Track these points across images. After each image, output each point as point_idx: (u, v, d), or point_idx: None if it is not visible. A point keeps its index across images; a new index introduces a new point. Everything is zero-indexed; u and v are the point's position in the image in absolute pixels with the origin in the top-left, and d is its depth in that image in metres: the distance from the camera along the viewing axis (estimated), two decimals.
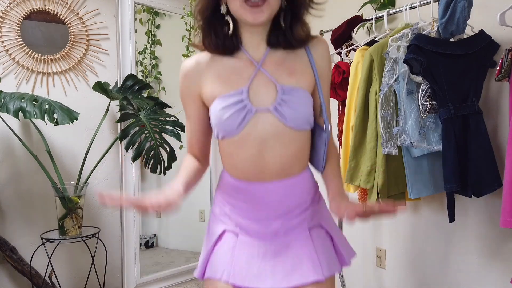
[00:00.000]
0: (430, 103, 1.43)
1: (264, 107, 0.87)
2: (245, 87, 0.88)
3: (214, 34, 0.89)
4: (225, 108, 0.87)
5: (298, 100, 0.88)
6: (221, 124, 0.88)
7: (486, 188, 1.40)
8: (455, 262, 1.69)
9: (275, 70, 0.90)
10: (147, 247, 2.95)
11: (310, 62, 0.93)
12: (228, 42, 0.90)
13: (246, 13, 0.83)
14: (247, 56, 0.91)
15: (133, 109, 2.10)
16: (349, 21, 1.78)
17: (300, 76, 0.91)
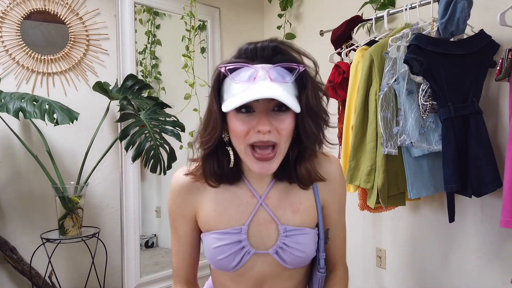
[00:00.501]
0: (430, 103, 1.43)
1: (264, 250, 0.81)
2: (244, 226, 0.80)
3: (216, 164, 0.80)
4: (220, 248, 0.80)
5: (301, 243, 0.81)
6: (215, 263, 0.82)
7: (486, 188, 1.40)
8: (455, 262, 1.69)
9: (278, 206, 0.82)
10: (147, 247, 2.95)
11: (315, 197, 0.84)
12: (229, 174, 0.81)
13: (254, 165, 0.74)
14: (249, 187, 0.82)
15: (133, 109, 2.10)
16: (349, 21, 1.78)
17: (304, 213, 0.83)
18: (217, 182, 0.82)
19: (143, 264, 2.33)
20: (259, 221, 0.81)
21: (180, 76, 2.36)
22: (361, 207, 1.68)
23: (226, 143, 0.79)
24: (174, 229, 0.87)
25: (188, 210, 0.84)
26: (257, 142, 0.72)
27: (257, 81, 0.70)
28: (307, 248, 0.82)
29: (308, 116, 0.75)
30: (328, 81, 1.78)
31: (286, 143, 0.75)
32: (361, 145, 1.54)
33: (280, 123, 0.72)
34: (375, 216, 2.05)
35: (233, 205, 0.82)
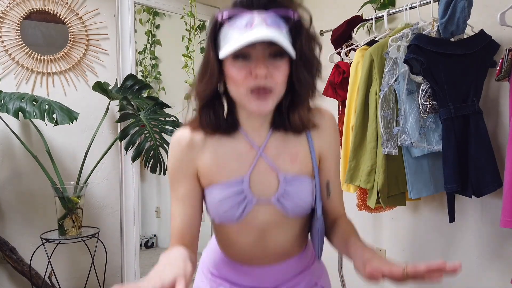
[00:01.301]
0: (430, 103, 1.43)
1: (266, 198, 0.82)
2: (246, 175, 0.82)
3: (212, 114, 0.82)
4: (224, 200, 0.81)
5: (300, 190, 0.83)
6: (219, 215, 0.83)
7: (486, 188, 1.40)
8: None
9: (277, 156, 0.84)
10: (147, 247, 2.95)
11: (310, 147, 0.87)
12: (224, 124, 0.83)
13: (251, 103, 0.76)
14: (247, 140, 0.84)
15: (132, 109, 2.10)
16: (349, 21, 1.78)
17: (302, 162, 0.85)
18: (214, 131, 0.83)
19: (143, 264, 2.33)
20: (260, 170, 0.83)
21: (180, 76, 2.36)
22: (359, 207, 1.68)
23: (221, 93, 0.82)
24: (175, 191, 0.86)
25: (189, 167, 0.85)
26: (254, 87, 0.74)
27: (254, 27, 0.71)
28: (307, 196, 0.84)
29: (302, 64, 0.78)
30: (328, 81, 1.77)
31: (281, 89, 0.77)
32: (361, 145, 1.54)
33: (276, 70, 0.74)
34: (375, 216, 2.05)
35: (233, 158, 0.83)
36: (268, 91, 0.75)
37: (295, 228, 0.87)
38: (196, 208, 0.86)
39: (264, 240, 0.85)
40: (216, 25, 0.77)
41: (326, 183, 0.89)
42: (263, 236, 0.85)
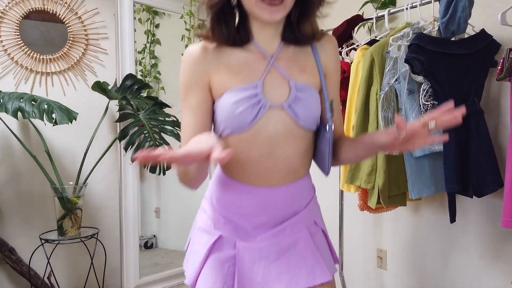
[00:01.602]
0: (431, 103, 1.43)
1: (278, 104, 0.84)
2: (259, 81, 0.84)
3: (224, 25, 0.85)
4: (238, 102, 0.82)
5: (310, 98, 0.86)
6: (232, 119, 0.83)
7: (487, 188, 1.39)
8: (456, 263, 1.69)
9: (287, 66, 0.87)
10: (147, 248, 2.94)
11: (316, 61, 0.91)
12: (237, 35, 0.86)
13: (262, 11, 0.80)
14: (259, 50, 0.87)
15: (132, 109, 2.10)
16: (350, 21, 1.77)
17: (310, 74, 0.89)
18: (225, 42, 0.87)
19: (142, 265, 2.32)
20: (272, 78, 0.86)
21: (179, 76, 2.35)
22: (360, 208, 1.68)
23: (233, 6, 0.85)
24: (186, 102, 0.88)
25: (202, 78, 0.87)
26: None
27: None
28: (315, 105, 0.88)
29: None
30: None
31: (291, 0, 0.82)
32: None
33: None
34: (376, 217, 2.05)
35: (247, 66, 0.86)
36: (278, 2, 0.79)
37: (303, 142, 0.88)
38: (208, 118, 0.88)
39: (274, 154, 0.86)
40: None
41: (330, 101, 0.91)
42: (272, 148, 0.85)
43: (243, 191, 0.89)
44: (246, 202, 0.89)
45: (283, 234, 0.89)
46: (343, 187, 1.69)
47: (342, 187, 1.70)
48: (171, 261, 2.72)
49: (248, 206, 0.89)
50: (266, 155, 0.85)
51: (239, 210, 0.90)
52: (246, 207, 0.89)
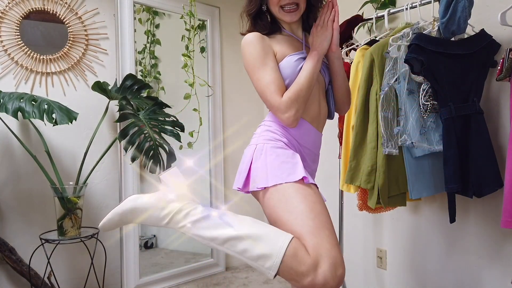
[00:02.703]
0: (431, 103, 1.43)
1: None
2: (303, 50, 1.23)
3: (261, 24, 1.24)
4: (297, 60, 1.18)
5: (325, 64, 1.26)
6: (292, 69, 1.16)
7: (487, 188, 1.39)
8: (455, 263, 1.69)
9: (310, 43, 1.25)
10: (147, 248, 2.94)
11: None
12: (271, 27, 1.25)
13: (284, 16, 1.20)
14: (294, 36, 1.26)
15: (132, 109, 2.10)
16: (350, 21, 1.77)
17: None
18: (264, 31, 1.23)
19: (142, 265, 2.32)
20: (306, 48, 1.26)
21: (179, 76, 2.35)
22: (359, 208, 1.68)
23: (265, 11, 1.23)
24: (266, 66, 1.16)
25: (270, 48, 1.19)
26: (285, 3, 1.17)
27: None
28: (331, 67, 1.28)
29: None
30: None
31: (304, 4, 1.20)
32: (361, 145, 1.54)
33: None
34: (376, 217, 2.05)
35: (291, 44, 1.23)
36: (295, 9, 1.18)
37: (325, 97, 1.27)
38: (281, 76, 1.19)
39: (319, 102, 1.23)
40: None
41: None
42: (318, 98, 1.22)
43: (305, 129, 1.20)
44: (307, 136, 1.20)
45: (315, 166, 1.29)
46: (342, 187, 1.69)
47: (342, 187, 1.70)
48: (171, 261, 2.72)
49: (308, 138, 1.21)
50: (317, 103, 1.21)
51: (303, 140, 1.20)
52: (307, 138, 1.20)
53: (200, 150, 2.56)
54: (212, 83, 2.58)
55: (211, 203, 2.64)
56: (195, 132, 2.35)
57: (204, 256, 2.66)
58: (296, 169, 1.10)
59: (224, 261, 2.66)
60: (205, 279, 2.50)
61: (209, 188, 2.65)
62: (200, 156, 2.66)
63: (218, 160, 2.66)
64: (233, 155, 2.66)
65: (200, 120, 2.33)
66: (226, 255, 2.66)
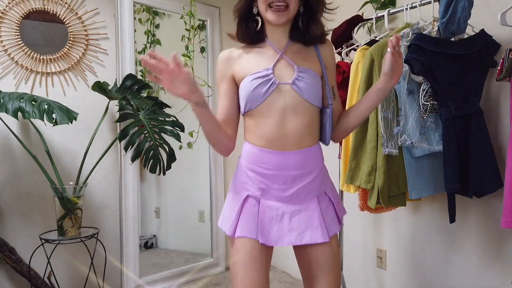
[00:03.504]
0: (431, 103, 1.43)
1: (285, 81, 1.10)
2: (270, 66, 1.11)
3: (244, 28, 1.15)
4: (254, 80, 1.09)
5: (311, 77, 1.11)
6: (251, 93, 1.09)
7: (487, 188, 1.39)
8: (455, 263, 1.69)
9: (293, 57, 1.13)
10: (147, 248, 2.94)
11: (318, 56, 1.17)
12: (256, 35, 1.15)
13: (271, 15, 1.09)
14: (272, 46, 1.15)
15: (132, 109, 2.10)
16: (350, 21, 1.77)
17: (312, 62, 1.15)
18: (244, 40, 1.17)
19: (142, 265, 2.32)
20: (281, 65, 1.13)
21: None
22: (361, 208, 1.68)
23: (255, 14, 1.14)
24: (219, 90, 1.19)
25: (227, 72, 1.16)
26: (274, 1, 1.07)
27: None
28: (316, 83, 1.12)
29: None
30: None
31: (295, 7, 1.09)
32: (361, 145, 1.54)
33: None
34: (376, 217, 2.05)
35: (262, 57, 1.14)
36: (283, 9, 1.08)
37: (307, 115, 1.12)
38: (232, 101, 1.17)
39: (284, 122, 1.10)
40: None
41: (332, 87, 1.18)
42: (283, 118, 1.09)
43: (264, 153, 1.12)
44: (266, 160, 1.12)
45: (297, 199, 1.11)
46: (342, 187, 1.69)
47: (341, 187, 1.70)
48: (171, 261, 2.72)
49: (268, 164, 1.11)
50: (278, 124, 1.10)
51: (261, 171, 1.12)
52: (267, 165, 1.11)
53: (200, 150, 2.56)
54: (212, 83, 2.58)
55: (211, 203, 2.64)
56: (195, 132, 2.35)
57: (204, 256, 2.66)
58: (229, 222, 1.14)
59: (224, 261, 2.66)
60: (205, 279, 2.50)
61: (209, 188, 2.65)
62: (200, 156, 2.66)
63: (218, 160, 2.66)
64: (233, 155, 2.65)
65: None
66: (226, 255, 2.66)
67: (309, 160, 1.13)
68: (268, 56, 1.14)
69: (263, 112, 1.10)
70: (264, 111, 1.10)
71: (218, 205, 2.64)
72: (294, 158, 1.11)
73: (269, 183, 1.11)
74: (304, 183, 1.11)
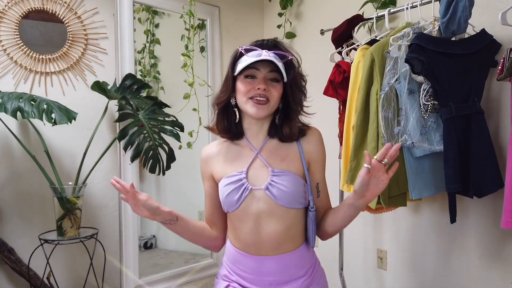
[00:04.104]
0: (432, 103, 1.42)
1: (258, 187, 1.06)
2: (244, 169, 1.08)
3: (225, 121, 1.12)
4: (227, 186, 1.08)
5: (287, 181, 1.05)
6: (224, 199, 1.08)
7: (487, 188, 1.39)
8: (456, 263, 1.68)
9: (269, 156, 1.09)
10: (146, 248, 2.94)
11: (300, 152, 1.11)
12: (234, 129, 1.12)
13: (251, 108, 1.05)
14: (248, 144, 1.12)
15: (131, 108, 2.09)
16: (350, 20, 1.77)
17: (290, 162, 1.09)
18: (225, 135, 1.13)
19: (142, 265, 2.32)
20: (256, 166, 1.09)
21: (179, 76, 2.35)
22: None
23: (233, 106, 1.10)
24: (204, 188, 1.20)
25: (207, 171, 1.17)
26: (255, 95, 1.04)
27: (261, 57, 1.04)
28: (290, 186, 1.05)
29: (293, 86, 1.09)
30: (329, 80, 1.77)
31: (275, 102, 1.07)
32: (362, 145, 1.53)
33: (273, 87, 1.06)
34: (376, 217, 2.04)
35: (237, 157, 1.12)
36: (264, 102, 1.04)
37: (285, 219, 1.06)
38: (215, 201, 1.16)
39: (259, 228, 1.06)
40: (236, 55, 1.08)
41: (316, 184, 1.13)
42: (258, 223, 1.06)
43: (241, 255, 1.11)
44: (244, 264, 1.10)
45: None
46: (343, 188, 1.68)
47: (342, 188, 1.69)
48: (170, 262, 2.71)
49: (246, 268, 1.10)
50: (253, 230, 1.06)
51: (240, 268, 1.11)
52: (245, 268, 1.10)
53: (200, 150, 2.56)
54: (211, 83, 2.58)
55: None
56: (195, 132, 2.34)
57: (203, 257, 2.65)
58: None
59: None
60: (205, 279, 2.50)
61: None
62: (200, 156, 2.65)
63: None
64: None
65: (199, 120, 2.32)
66: None
67: (290, 266, 1.08)
68: (244, 155, 1.11)
69: (238, 216, 1.08)
70: (239, 216, 1.08)
71: None
72: (271, 264, 1.07)
73: (249, 285, 1.10)
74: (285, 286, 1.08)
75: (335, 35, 1.81)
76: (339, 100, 1.80)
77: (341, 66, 1.71)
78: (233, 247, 1.13)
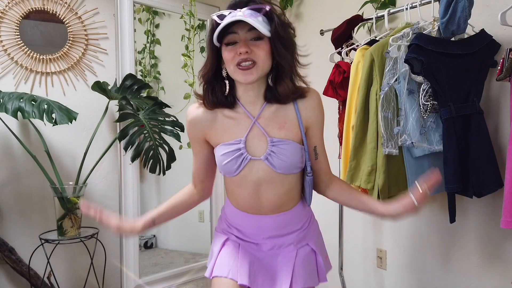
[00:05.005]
0: (431, 103, 1.43)
1: (257, 156, 1.04)
2: (243, 138, 1.04)
3: (211, 93, 1.05)
4: (225, 155, 1.04)
5: (285, 151, 1.03)
6: (222, 167, 1.06)
7: (487, 188, 1.39)
8: (455, 263, 1.69)
9: (267, 124, 1.05)
10: (146, 248, 2.94)
11: (297, 116, 1.07)
12: (225, 100, 1.05)
13: (239, 75, 0.99)
14: (244, 111, 1.06)
15: (132, 109, 2.09)
16: (350, 21, 1.77)
17: (288, 129, 1.06)
18: (212, 106, 1.07)
19: (142, 265, 2.32)
20: (254, 135, 1.05)
21: (179, 76, 2.35)
22: None
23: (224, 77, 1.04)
24: (192, 149, 1.15)
25: (196, 135, 1.11)
26: (240, 60, 0.97)
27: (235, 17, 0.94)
28: (290, 155, 1.04)
29: (279, 42, 0.99)
30: (329, 80, 1.77)
31: (264, 63, 0.99)
32: (361, 145, 1.54)
33: (256, 47, 0.98)
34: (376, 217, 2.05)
35: (235, 125, 1.06)
36: (251, 66, 0.97)
37: (284, 185, 1.07)
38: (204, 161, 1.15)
39: (258, 194, 1.07)
40: (213, 26, 1.00)
41: (313, 147, 1.11)
42: (257, 190, 1.06)
43: (241, 215, 1.12)
44: (244, 222, 1.13)
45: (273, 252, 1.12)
46: None
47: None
48: (171, 261, 2.72)
49: (246, 226, 1.13)
50: (253, 195, 1.07)
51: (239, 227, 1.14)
52: (245, 226, 1.13)
53: None
54: None
55: (211, 203, 2.64)
56: None
57: (204, 256, 2.66)
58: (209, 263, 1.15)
59: None
60: (205, 279, 2.50)
61: None
62: None
63: None
64: None
65: None
66: None
67: (287, 222, 1.11)
68: (241, 122, 1.05)
69: (237, 183, 1.08)
70: (238, 182, 1.07)
71: (218, 205, 2.64)
72: (270, 221, 1.10)
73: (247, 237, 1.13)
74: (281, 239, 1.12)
75: (335, 36, 1.81)
76: (339, 100, 1.81)
77: (340, 66, 1.72)
78: (232, 206, 1.14)
